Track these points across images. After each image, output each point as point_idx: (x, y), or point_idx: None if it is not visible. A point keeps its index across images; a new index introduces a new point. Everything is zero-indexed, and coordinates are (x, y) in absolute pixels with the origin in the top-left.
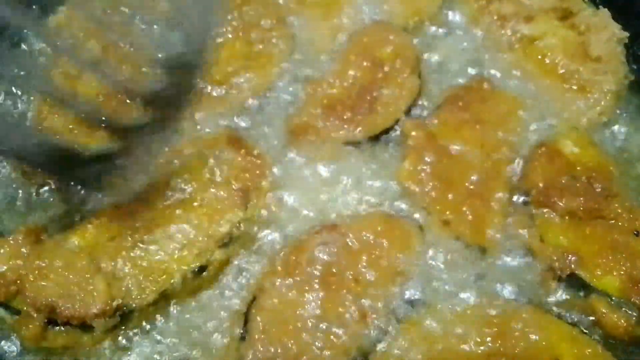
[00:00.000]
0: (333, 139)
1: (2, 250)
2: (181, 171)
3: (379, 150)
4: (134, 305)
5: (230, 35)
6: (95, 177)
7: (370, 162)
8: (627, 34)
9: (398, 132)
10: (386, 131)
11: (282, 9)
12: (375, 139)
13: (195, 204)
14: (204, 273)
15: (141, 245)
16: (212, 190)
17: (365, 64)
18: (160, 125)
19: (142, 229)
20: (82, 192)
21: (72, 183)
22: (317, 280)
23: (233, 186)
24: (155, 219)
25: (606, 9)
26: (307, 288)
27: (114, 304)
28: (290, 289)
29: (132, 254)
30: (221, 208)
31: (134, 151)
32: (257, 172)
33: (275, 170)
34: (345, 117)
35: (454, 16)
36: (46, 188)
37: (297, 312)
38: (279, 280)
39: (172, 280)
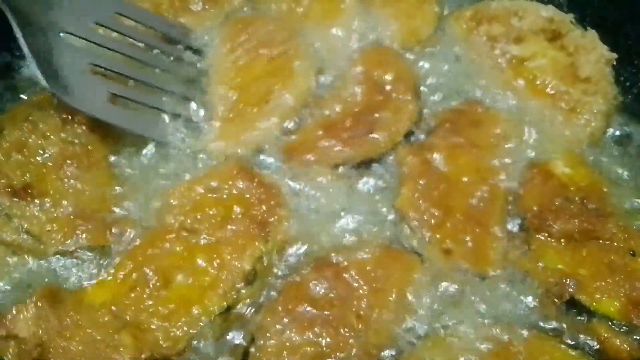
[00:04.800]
0: (329, 160)
1: (22, 316)
2: (194, 210)
3: (375, 174)
4: (163, 354)
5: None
6: None
7: (366, 187)
8: (615, 55)
9: (392, 157)
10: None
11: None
12: (370, 162)
13: (214, 242)
14: (232, 313)
15: (163, 291)
16: (229, 226)
17: (365, 87)
18: None
19: (161, 275)
20: None
21: None
22: (318, 319)
23: (250, 220)
24: (174, 263)
25: (594, 31)
26: (308, 327)
27: (143, 356)
28: (290, 328)
29: (155, 302)
30: (241, 244)
31: None
32: (273, 202)
33: None
34: (342, 139)
35: (445, 37)
36: None
37: (299, 352)
38: (278, 318)
39: (199, 324)
